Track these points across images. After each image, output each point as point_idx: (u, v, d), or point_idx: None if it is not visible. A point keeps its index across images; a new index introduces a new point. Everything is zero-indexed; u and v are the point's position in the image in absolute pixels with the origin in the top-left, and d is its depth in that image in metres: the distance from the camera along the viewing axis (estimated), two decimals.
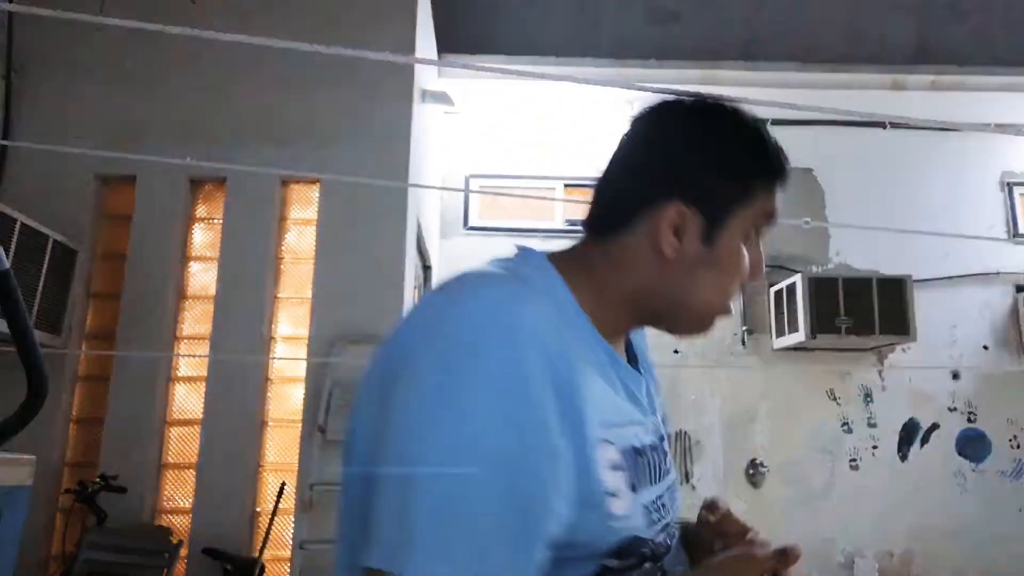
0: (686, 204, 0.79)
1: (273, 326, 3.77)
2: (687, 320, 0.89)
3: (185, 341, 3.78)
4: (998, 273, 5.49)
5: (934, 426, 5.27)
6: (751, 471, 5.13)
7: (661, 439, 0.90)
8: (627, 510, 0.70)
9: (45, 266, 3.39)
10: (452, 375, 0.62)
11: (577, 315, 0.79)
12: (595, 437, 0.68)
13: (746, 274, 0.84)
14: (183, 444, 3.65)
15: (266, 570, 3.37)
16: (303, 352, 3.70)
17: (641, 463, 0.77)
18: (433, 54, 4.74)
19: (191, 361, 3.76)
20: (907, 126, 5.60)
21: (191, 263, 3.87)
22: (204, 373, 3.67)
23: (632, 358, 1.03)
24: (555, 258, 0.85)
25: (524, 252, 0.92)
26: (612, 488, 0.68)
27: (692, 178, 0.79)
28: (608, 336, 0.82)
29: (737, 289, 0.86)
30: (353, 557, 0.67)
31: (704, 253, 0.80)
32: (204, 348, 3.72)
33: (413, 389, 0.63)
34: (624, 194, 0.83)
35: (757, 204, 0.82)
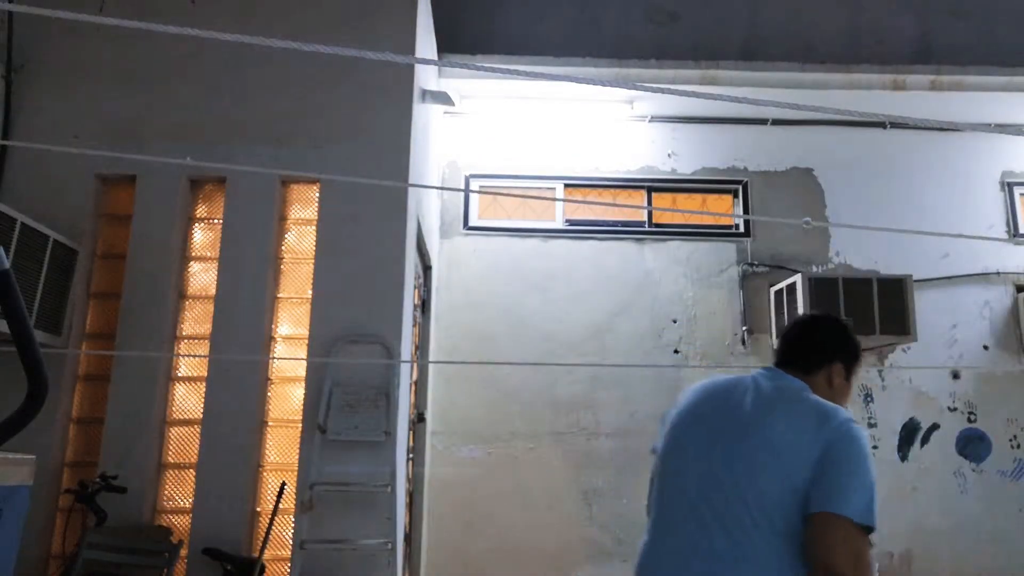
0: (843, 364, 1.87)
1: (273, 326, 3.77)
2: None
3: (185, 341, 3.78)
4: (998, 273, 5.49)
5: (934, 426, 5.27)
6: None
7: None
8: None
9: (45, 266, 3.39)
10: (867, 456, 1.62)
11: None
12: None
13: (846, 398, 1.88)
14: (183, 444, 3.65)
15: (266, 570, 3.38)
16: (303, 352, 3.70)
17: None
18: (433, 54, 4.74)
19: (191, 361, 3.76)
20: (907, 126, 5.60)
21: (191, 263, 3.87)
22: (204, 373, 3.67)
23: None
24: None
25: (799, 382, 1.81)
26: None
27: (844, 354, 1.87)
28: None
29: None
30: (794, 507, 1.57)
31: (845, 386, 1.88)
32: (204, 348, 3.72)
33: (861, 457, 1.60)
34: (817, 357, 1.86)
35: (859, 367, 1.91)
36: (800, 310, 4.87)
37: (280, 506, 3.34)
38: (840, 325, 1.92)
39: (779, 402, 1.71)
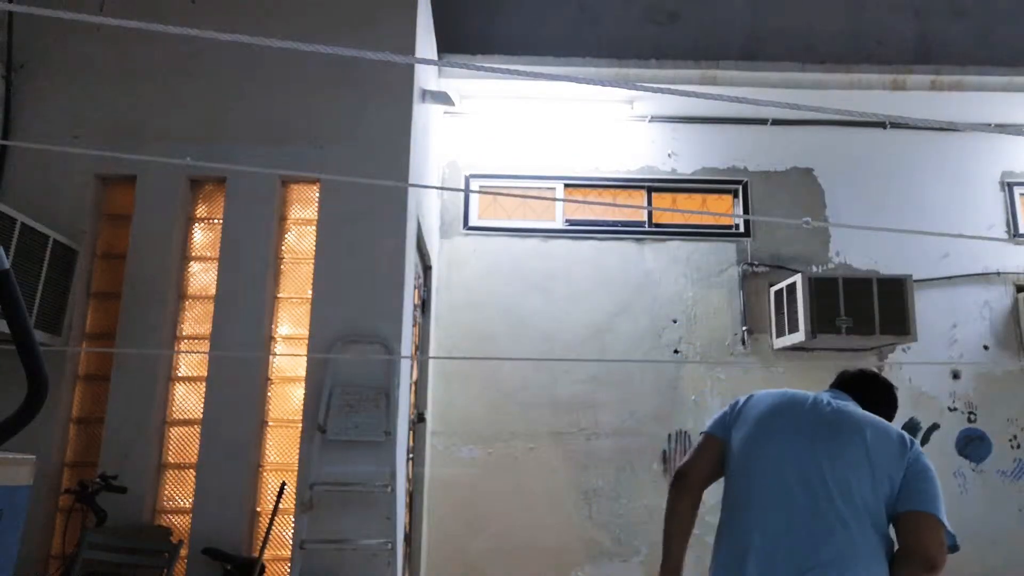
0: (885, 415, 2.24)
1: (273, 326, 3.77)
2: None
3: (185, 341, 3.78)
4: (998, 273, 5.49)
5: (934, 426, 5.24)
6: None
7: None
8: None
9: (45, 266, 3.39)
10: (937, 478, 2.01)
11: None
12: None
13: None
14: (183, 444, 3.65)
15: (266, 570, 3.38)
16: (303, 352, 3.70)
17: None
18: (433, 54, 4.74)
19: (191, 361, 3.76)
20: (907, 126, 5.61)
21: (191, 263, 3.87)
22: (204, 373, 3.67)
23: None
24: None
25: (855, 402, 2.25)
26: None
27: (890, 411, 2.37)
28: None
29: None
30: (877, 501, 1.93)
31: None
32: (204, 348, 3.72)
33: (935, 476, 2.04)
34: (874, 403, 2.29)
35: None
36: (800, 310, 4.87)
37: (280, 506, 3.34)
38: (893, 389, 2.45)
39: (866, 420, 2.08)
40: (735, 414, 2.27)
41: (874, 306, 4.83)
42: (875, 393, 2.28)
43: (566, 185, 5.62)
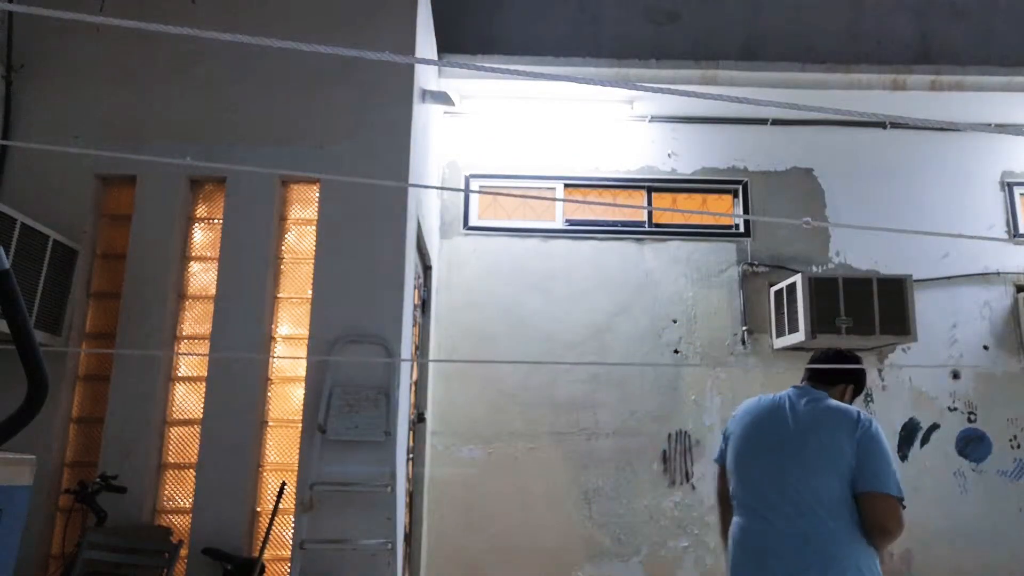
0: (853, 388, 2.62)
1: (273, 326, 3.78)
2: None
3: (185, 341, 3.78)
4: (998, 273, 5.49)
5: (934, 426, 5.27)
6: None
7: None
8: None
9: (45, 266, 3.39)
10: (886, 443, 2.34)
11: None
12: None
13: None
14: (183, 444, 3.65)
15: (266, 570, 3.38)
16: (303, 352, 3.70)
17: None
18: (433, 54, 4.74)
19: (191, 361, 3.76)
20: (907, 126, 5.61)
21: (191, 263, 3.87)
22: (204, 373, 3.67)
23: None
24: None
25: (821, 393, 2.55)
26: None
27: (857, 384, 2.62)
28: None
29: None
30: (843, 489, 2.27)
31: (851, 403, 2.53)
32: (204, 348, 3.72)
33: (885, 446, 2.32)
34: (839, 379, 2.57)
35: (862, 390, 2.64)
36: (800, 310, 4.87)
37: (280, 506, 3.34)
38: (860, 363, 2.65)
39: (821, 417, 2.40)
40: (725, 439, 2.66)
41: (874, 306, 4.83)
42: (839, 375, 2.58)
43: (566, 185, 5.62)
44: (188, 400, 3.70)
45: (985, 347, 5.39)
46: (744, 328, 5.35)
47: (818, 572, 2.20)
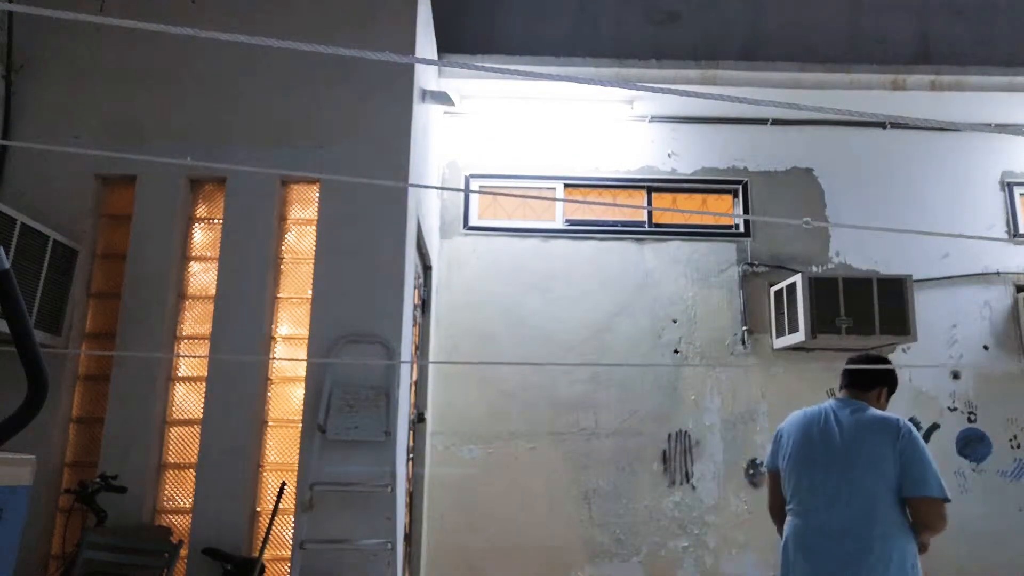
0: (888, 390, 2.88)
1: (273, 326, 3.78)
2: None
3: (185, 341, 3.78)
4: (998, 273, 5.49)
5: (934, 426, 5.27)
6: (751, 471, 5.13)
7: None
8: None
9: (45, 266, 3.39)
10: (926, 447, 2.64)
11: None
12: None
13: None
14: (183, 444, 3.65)
15: (266, 570, 3.38)
16: (303, 352, 3.70)
17: None
18: (433, 54, 4.74)
19: (191, 361, 3.76)
20: (907, 126, 5.61)
21: (191, 263, 3.87)
22: (204, 373, 3.67)
23: None
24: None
25: (862, 404, 2.80)
26: None
27: (891, 385, 2.89)
28: None
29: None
30: (889, 493, 2.58)
31: (885, 404, 2.85)
32: (204, 348, 3.72)
33: (925, 450, 2.61)
34: (874, 383, 2.84)
35: (895, 390, 2.90)
36: (800, 310, 4.87)
37: (280, 506, 3.34)
38: (886, 362, 2.92)
39: (864, 429, 2.68)
40: (776, 447, 2.92)
41: (874, 306, 4.83)
42: (874, 377, 2.84)
43: (566, 185, 5.62)
44: (188, 400, 3.70)
45: (985, 347, 5.39)
46: (744, 328, 5.35)
47: (867, 569, 2.51)
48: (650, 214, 5.64)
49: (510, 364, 5.18)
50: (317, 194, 3.88)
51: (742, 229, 5.58)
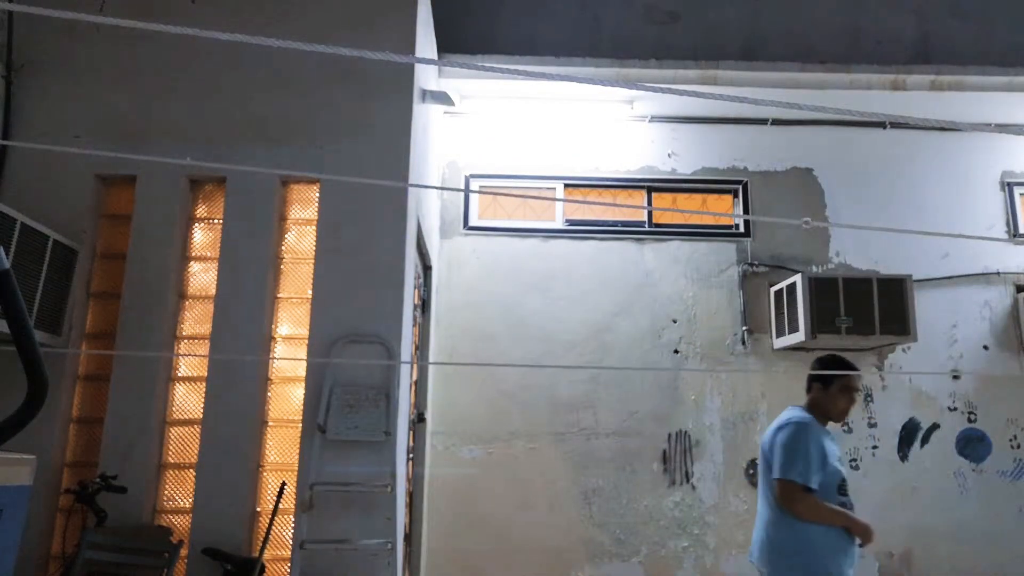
0: (820, 384, 3.22)
1: (273, 326, 3.78)
2: (830, 417, 3.22)
3: (185, 341, 3.78)
4: (998, 273, 5.49)
5: (934, 426, 5.27)
6: (751, 471, 5.13)
7: (839, 459, 3.11)
8: (838, 470, 3.04)
9: (45, 266, 3.39)
10: (792, 439, 3.07)
11: (815, 422, 3.12)
12: (829, 454, 3.04)
13: (842, 407, 3.22)
14: (183, 444, 3.65)
15: (266, 570, 3.38)
16: (303, 352, 3.70)
17: (837, 463, 3.06)
18: (433, 54, 4.74)
19: (191, 361, 3.76)
20: (907, 126, 5.61)
21: (191, 263, 3.87)
22: (204, 373, 3.67)
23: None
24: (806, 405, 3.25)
25: (792, 407, 3.24)
26: (833, 466, 3.02)
27: (819, 380, 3.21)
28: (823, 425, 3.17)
29: (841, 412, 3.25)
30: (767, 486, 3.12)
31: (824, 395, 3.21)
32: (204, 348, 3.72)
33: (786, 440, 3.05)
34: (810, 384, 3.27)
35: (834, 384, 3.19)
36: (800, 310, 4.87)
37: (280, 506, 3.34)
38: (820, 362, 3.24)
39: (770, 432, 3.18)
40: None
41: (874, 306, 4.83)
42: (810, 379, 3.23)
43: (566, 185, 5.62)
44: (188, 400, 3.70)
45: (985, 347, 5.39)
46: (744, 328, 5.35)
47: (763, 552, 3.07)
48: (650, 214, 5.64)
49: (510, 365, 5.18)
50: (317, 194, 3.88)
51: (742, 229, 5.58)
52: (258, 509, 3.57)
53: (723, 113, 5.62)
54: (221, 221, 3.82)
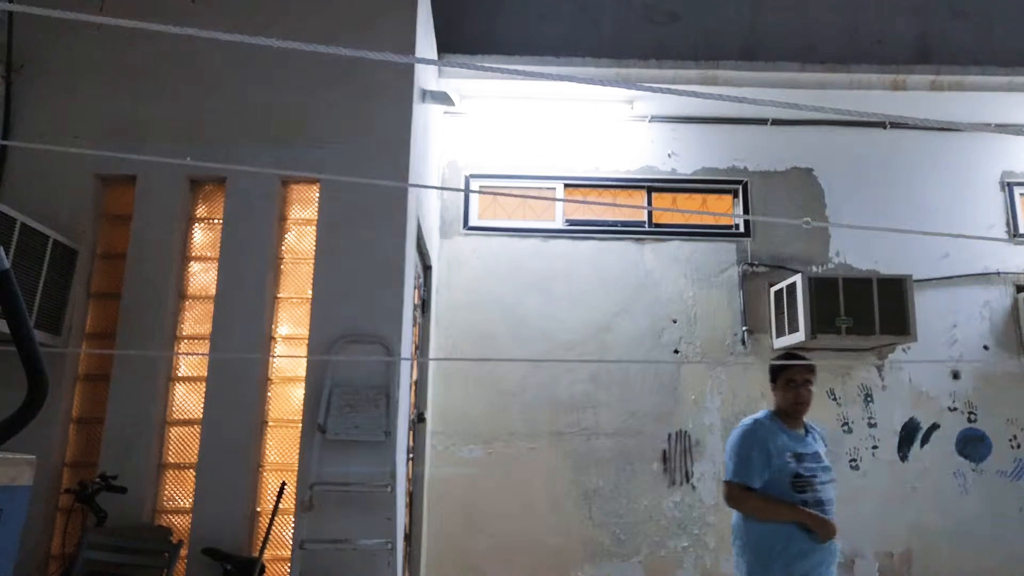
0: (771, 382, 3.25)
1: (273, 326, 3.78)
2: (786, 413, 3.17)
3: (185, 341, 3.78)
4: (998, 273, 5.49)
5: (934, 426, 5.27)
6: None
7: (813, 453, 3.08)
8: (790, 467, 2.99)
9: (45, 266, 3.39)
10: (736, 441, 3.16)
11: (775, 420, 3.14)
12: (779, 452, 3.02)
13: (790, 401, 3.13)
14: (183, 444, 3.65)
15: (266, 570, 3.38)
16: (303, 352, 3.70)
17: (791, 460, 3.01)
18: (433, 54, 4.74)
19: (191, 361, 3.76)
20: (907, 126, 5.61)
21: (191, 263, 3.88)
22: (204, 373, 3.67)
23: (809, 430, 3.20)
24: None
25: (764, 410, 3.26)
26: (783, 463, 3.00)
27: (771, 378, 3.25)
28: (791, 426, 3.14)
29: (791, 405, 3.14)
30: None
31: (777, 392, 3.19)
32: (204, 348, 3.72)
33: (731, 443, 3.16)
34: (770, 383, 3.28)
35: (779, 381, 3.16)
36: (800, 310, 4.87)
37: (280, 506, 3.34)
38: (782, 359, 3.31)
39: None
40: None
41: (874, 306, 4.83)
42: (770, 381, 3.28)
43: (566, 185, 5.62)
44: (188, 400, 3.70)
45: (985, 347, 5.39)
46: (744, 328, 5.35)
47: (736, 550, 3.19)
48: (650, 214, 5.64)
49: (510, 361, 5.18)
50: (317, 194, 3.88)
51: (742, 229, 5.58)
52: (258, 509, 3.57)
53: (723, 113, 5.61)
54: (221, 221, 3.82)
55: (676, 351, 5.31)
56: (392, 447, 3.49)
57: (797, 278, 4.98)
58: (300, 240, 3.91)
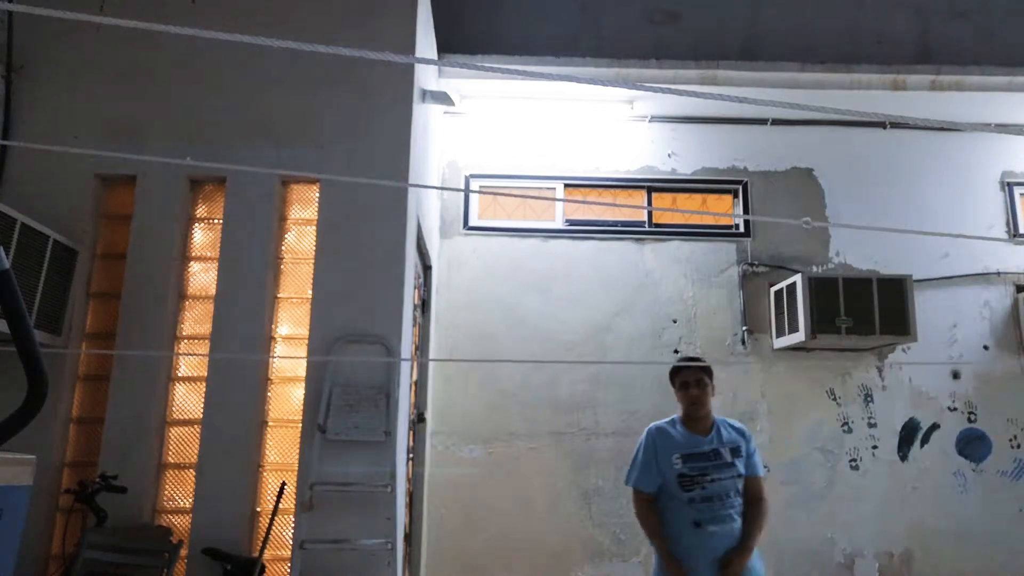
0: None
1: (273, 326, 3.78)
2: (684, 416, 3.26)
3: (185, 341, 3.78)
4: (998, 273, 5.49)
5: (934, 426, 5.27)
6: None
7: (709, 451, 3.13)
8: (675, 468, 3.08)
9: (45, 266, 3.39)
10: (637, 448, 3.29)
11: (675, 425, 3.24)
12: (666, 455, 3.13)
13: (685, 402, 3.25)
14: (183, 444, 3.65)
15: (266, 570, 3.38)
16: (303, 352, 3.70)
17: (677, 461, 3.10)
18: (433, 54, 4.74)
19: (191, 361, 3.76)
20: (907, 126, 5.61)
21: (191, 263, 3.88)
22: (204, 373, 3.67)
23: (719, 429, 3.23)
24: None
25: None
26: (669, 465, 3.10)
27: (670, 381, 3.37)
28: (692, 427, 3.21)
29: (687, 407, 3.24)
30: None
31: (677, 395, 3.31)
32: (204, 348, 3.72)
33: (637, 447, 3.33)
34: None
35: (677, 381, 3.29)
36: (800, 310, 4.87)
37: (280, 506, 3.34)
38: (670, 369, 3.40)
39: None
40: None
41: (874, 306, 4.83)
42: None
43: (566, 185, 5.62)
44: (188, 400, 3.70)
45: (985, 347, 5.39)
46: (744, 328, 5.35)
47: None
48: (650, 214, 5.64)
49: (509, 361, 5.18)
50: (317, 194, 3.88)
51: (742, 229, 5.58)
52: (258, 509, 3.57)
53: (723, 113, 5.62)
54: (221, 221, 3.82)
55: (676, 351, 5.31)
56: (392, 447, 3.49)
57: (797, 278, 4.98)
58: (300, 240, 3.91)
